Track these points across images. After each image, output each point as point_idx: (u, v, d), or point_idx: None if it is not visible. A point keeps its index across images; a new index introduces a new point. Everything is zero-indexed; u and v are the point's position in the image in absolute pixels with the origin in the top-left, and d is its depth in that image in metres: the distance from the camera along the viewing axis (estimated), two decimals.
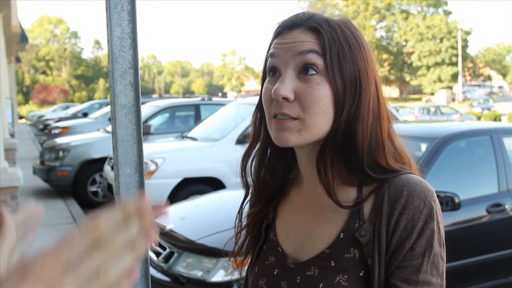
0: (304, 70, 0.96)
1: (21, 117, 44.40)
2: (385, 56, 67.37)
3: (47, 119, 22.40)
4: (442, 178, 4.16)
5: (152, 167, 6.55)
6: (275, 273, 1.05)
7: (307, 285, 0.98)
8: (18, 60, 36.10)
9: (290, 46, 0.98)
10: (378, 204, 0.96)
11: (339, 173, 1.01)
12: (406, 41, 67.07)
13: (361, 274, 0.94)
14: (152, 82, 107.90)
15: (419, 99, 59.07)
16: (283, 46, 0.99)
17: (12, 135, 15.10)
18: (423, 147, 4.33)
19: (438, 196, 3.41)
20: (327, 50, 0.95)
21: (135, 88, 0.96)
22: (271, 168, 1.11)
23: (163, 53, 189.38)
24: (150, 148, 7.28)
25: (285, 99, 0.95)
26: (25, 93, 78.08)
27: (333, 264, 0.96)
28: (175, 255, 3.67)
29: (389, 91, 75.67)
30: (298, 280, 1.00)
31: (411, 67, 66.55)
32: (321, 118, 0.95)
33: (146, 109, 9.81)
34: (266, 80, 1.02)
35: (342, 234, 0.98)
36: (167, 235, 3.91)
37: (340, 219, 1.00)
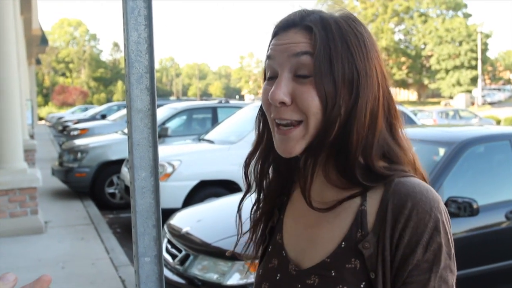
0: (299, 72, 0.94)
1: (40, 119, 44.93)
2: (403, 59, 66.96)
3: (66, 121, 22.65)
4: (460, 183, 4.12)
5: (169, 169, 6.58)
6: (277, 277, 1.03)
7: None
8: (38, 62, 36.59)
9: (285, 47, 0.95)
10: (383, 215, 0.91)
11: (326, 174, 0.98)
12: (424, 44, 66.60)
13: (361, 286, 0.90)
14: (170, 85, 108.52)
15: (438, 103, 58.62)
16: (279, 48, 0.96)
17: (31, 136, 15.31)
18: (441, 151, 4.28)
19: (455, 201, 3.34)
20: (316, 51, 0.92)
21: (151, 92, 0.97)
22: (275, 169, 1.10)
23: (181, 56, 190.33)
24: (167, 150, 7.31)
25: (282, 103, 0.94)
26: (45, 94, 79.00)
27: (333, 274, 0.93)
28: (191, 257, 3.68)
29: (407, 95, 75.16)
30: None
31: (430, 71, 66.01)
32: (318, 118, 0.93)
33: (163, 112, 9.87)
34: (265, 82, 1.01)
35: (343, 243, 0.94)
36: (183, 238, 3.92)
37: (342, 226, 0.96)
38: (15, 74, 6.77)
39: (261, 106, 1.05)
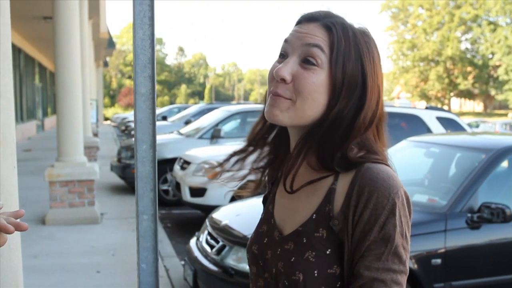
0: (306, 60, 1.07)
1: (106, 119, 46.57)
2: (469, 69, 65.02)
3: (129, 121, 23.46)
4: (496, 190, 4.14)
5: (218, 168, 6.83)
6: (264, 241, 1.19)
7: (283, 257, 1.11)
8: (106, 64, 38.05)
9: (301, 36, 1.09)
10: (349, 195, 1.05)
11: (308, 159, 1.12)
12: (492, 53, 64.35)
13: (327, 252, 1.04)
14: (232, 89, 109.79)
15: (505, 115, 56.53)
16: (296, 35, 1.10)
17: (95, 135, 16.02)
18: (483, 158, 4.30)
19: (489, 207, 3.51)
20: (333, 48, 1.06)
21: (152, 79, 1.17)
22: (273, 142, 1.25)
23: (244, 61, 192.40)
24: (218, 149, 7.59)
25: (283, 80, 1.07)
26: (112, 96, 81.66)
27: (305, 241, 1.07)
28: (227, 248, 3.89)
29: (473, 106, 72.85)
30: (278, 252, 1.12)
31: (497, 81, 63.72)
32: (309, 103, 1.06)
33: (217, 114, 10.18)
34: (277, 59, 1.14)
35: (314, 215, 1.08)
36: (222, 230, 4.14)
37: (315, 200, 1.10)
38: (78, 75, 7.22)
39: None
